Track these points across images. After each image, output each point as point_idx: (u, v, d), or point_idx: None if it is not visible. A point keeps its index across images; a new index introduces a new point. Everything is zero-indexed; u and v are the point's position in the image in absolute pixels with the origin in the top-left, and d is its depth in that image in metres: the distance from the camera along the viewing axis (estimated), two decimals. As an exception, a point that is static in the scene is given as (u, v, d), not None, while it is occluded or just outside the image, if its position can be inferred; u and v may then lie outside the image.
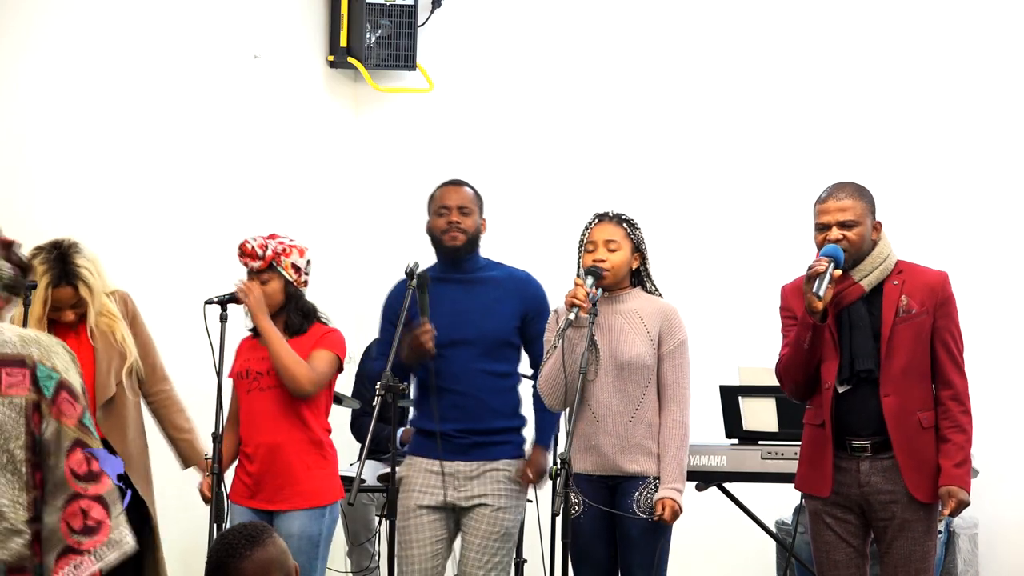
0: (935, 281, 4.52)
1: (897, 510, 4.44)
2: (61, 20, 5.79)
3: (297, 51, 7.08)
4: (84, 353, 5.09)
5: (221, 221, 6.41)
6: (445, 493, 4.91)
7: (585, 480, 4.75)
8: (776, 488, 5.66)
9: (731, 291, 6.74)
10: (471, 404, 4.92)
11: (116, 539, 2.37)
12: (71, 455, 2.37)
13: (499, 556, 4.92)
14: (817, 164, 6.80)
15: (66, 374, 2.42)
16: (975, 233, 6.69)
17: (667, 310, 4.82)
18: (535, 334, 4.98)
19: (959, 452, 4.43)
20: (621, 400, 4.73)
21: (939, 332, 4.48)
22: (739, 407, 5.71)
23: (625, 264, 4.82)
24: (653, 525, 4.68)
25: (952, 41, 6.79)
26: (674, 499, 4.67)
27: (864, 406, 4.45)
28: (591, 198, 7.06)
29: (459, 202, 4.99)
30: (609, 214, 4.86)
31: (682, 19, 7.13)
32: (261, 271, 5.07)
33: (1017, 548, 6.48)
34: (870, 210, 4.50)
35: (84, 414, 2.41)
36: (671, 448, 4.72)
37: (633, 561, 4.71)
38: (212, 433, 4.92)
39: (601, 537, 4.76)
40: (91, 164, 5.89)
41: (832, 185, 4.56)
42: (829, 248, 4.42)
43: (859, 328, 4.46)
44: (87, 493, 2.36)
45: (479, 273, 5.02)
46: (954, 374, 4.48)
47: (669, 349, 4.78)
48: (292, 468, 5.01)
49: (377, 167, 7.39)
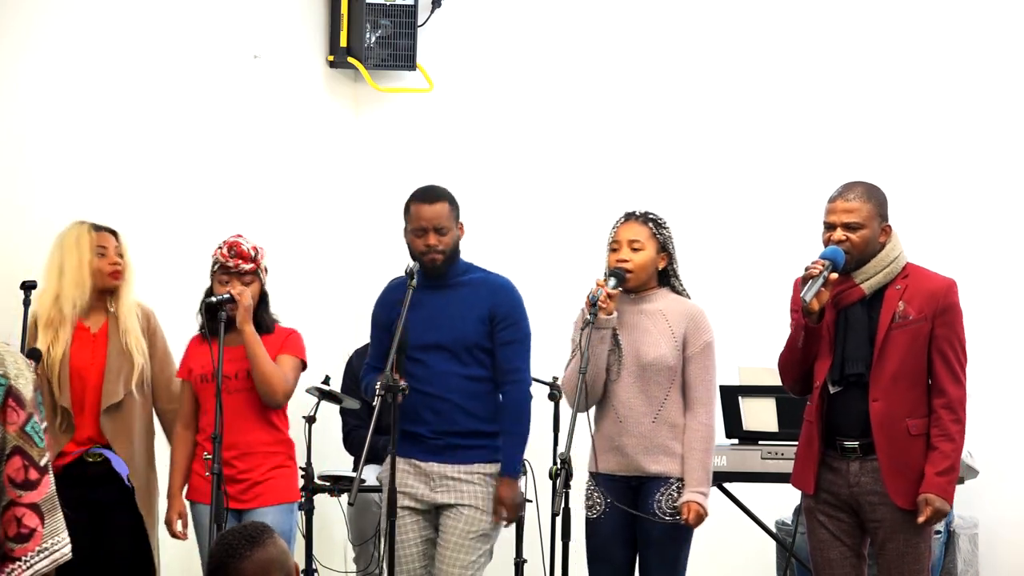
0: (938, 288, 4.47)
1: (886, 512, 4.44)
2: (61, 20, 5.79)
3: (297, 51, 7.08)
4: (97, 356, 5.10)
5: (221, 221, 6.40)
6: (422, 492, 4.92)
7: (608, 480, 4.73)
8: (776, 488, 5.66)
9: (731, 291, 6.73)
10: (445, 407, 4.92)
11: (47, 547, 2.38)
12: (9, 462, 2.38)
13: (474, 556, 4.89)
14: (816, 164, 6.80)
15: (15, 381, 2.42)
16: (980, 233, 6.68)
17: (693, 311, 4.78)
18: (500, 341, 4.94)
19: (944, 460, 4.40)
20: (644, 400, 4.72)
21: (937, 340, 4.44)
22: (739, 407, 5.71)
23: (650, 264, 4.78)
24: (674, 527, 4.67)
25: (972, 39, 6.76)
26: (699, 503, 4.65)
27: (853, 408, 4.45)
28: (591, 198, 7.06)
29: (435, 222, 4.94)
30: (636, 213, 4.83)
31: (685, 17, 7.12)
32: (246, 273, 5.12)
33: (1017, 548, 6.47)
34: (878, 212, 4.46)
35: (28, 421, 2.40)
36: (697, 451, 4.70)
37: (653, 563, 4.70)
38: (211, 434, 4.93)
39: (620, 538, 4.74)
40: (91, 164, 5.89)
41: (844, 184, 4.52)
42: (829, 250, 4.40)
43: (855, 331, 4.45)
44: (21, 501, 2.38)
45: (457, 279, 5.01)
46: (948, 383, 4.44)
47: (695, 351, 4.75)
48: (261, 467, 5.10)
49: (377, 167, 7.38)
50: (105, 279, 5.13)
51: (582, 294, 4.85)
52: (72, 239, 5.10)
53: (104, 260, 5.13)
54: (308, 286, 6.94)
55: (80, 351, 5.08)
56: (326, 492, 5.95)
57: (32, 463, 2.39)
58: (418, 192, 5.04)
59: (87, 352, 5.10)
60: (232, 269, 5.10)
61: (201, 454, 5.08)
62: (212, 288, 5.17)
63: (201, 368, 5.14)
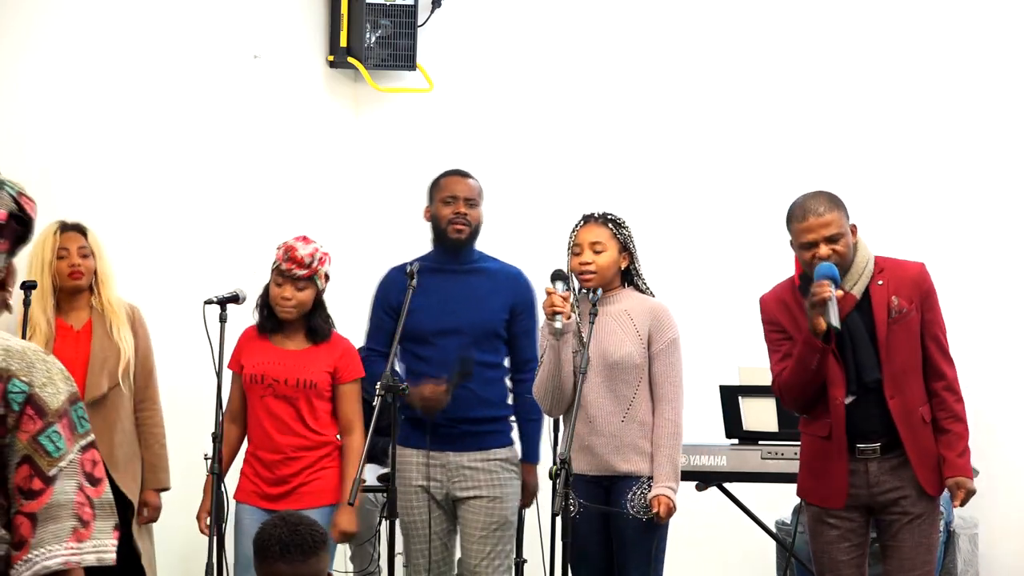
0: (916, 274, 4.49)
1: (907, 504, 4.44)
2: (61, 20, 5.79)
3: (297, 51, 7.08)
4: (80, 352, 5.11)
5: (221, 221, 6.41)
6: (430, 484, 4.94)
7: (581, 480, 4.75)
8: (776, 488, 5.67)
9: (731, 291, 6.73)
10: (460, 393, 4.95)
11: (29, 557, 2.39)
12: (19, 470, 2.39)
13: (500, 545, 4.95)
14: (816, 164, 6.80)
15: (41, 389, 2.42)
16: (974, 232, 6.69)
17: (657, 309, 4.80)
18: (520, 330, 5.01)
19: (960, 441, 4.45)
20: (612, 400, 4.73)
21: (927, 325, 4.47)
22: (739, 407, 5.71)
23: (613, 265, 4.81)
24: (647, 524, 4.69)
25: (934, 39, 6.80)
26: (668, 496, 4.67)
27: (870, 412, 4.44)
28: (591, 197, 7.05)
29: (467, 193, 5.04)
30: (595, 215, 4.85)
31: (681, 19, 7.13)
32: (300, 279, 5.03)
33: (1017, 548, 6.47)
34: (847, 216, 4.44)
35: (45, 430, 2.40)
36: (664, 447, 4.72)
37: (628, 560, 4.72)
38: (212, 433, 4.92)
39: (597, 537, 4.76)
40: (91, 164, 5.89)
41: (808, 198, 4.42)
42: (826, 269, 4.31)
43: (859, 338, 4.42)
44: (23, 509, 2.39)
45: (473, 264, 5.04)
46: (944, 364, 4.48)
47: (660, 348, 4.77)
48: (306, 470, 5.04)
49: (377, 167, 7.38)
50: (65, 280, 5.14)
51: (581, 294, 4.86)
52: (39, 242, 5.12)
53: (63, 262, 5.13)
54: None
55: (62, 348, 5.09)
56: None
57: (38, 473, 2.39)
58: (451, 169, 5.12)
59: (69, 349, 5.09)
60: (285, 272, 5.05)
61: (251, 456, 5.05)
62: (269, 286, 5.11)
63: (252, 367, 5.08)
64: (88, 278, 5.17)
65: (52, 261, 5.13)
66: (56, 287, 5.15)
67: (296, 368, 5.03)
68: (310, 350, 5.07)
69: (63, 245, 5.15)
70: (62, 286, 5.16)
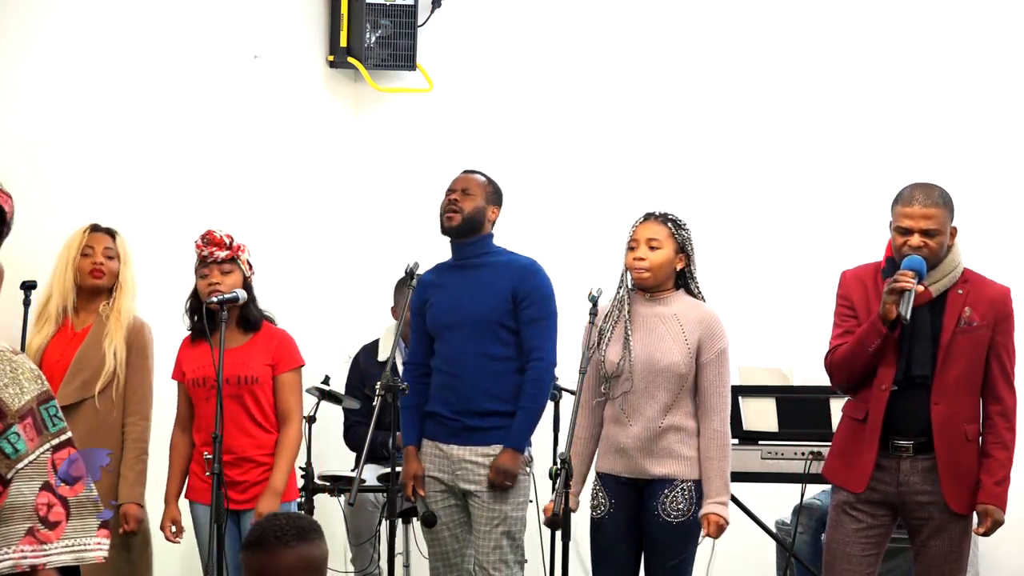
0: (997, 295, 4.47)
1: (934, 512, 4.42)
2: (61, 20, 5.79)
3: (297, 51, 7.08)
4: (66, 356, 5.08)
5: (221, 221, 6.39)
6: (448, 476, 5.01)
7: (613, 481, 4.73)
8: (776, 488, 5.66)
9: (731, 291, 6.72)
10: (463, 386, 4.98)
11: None
12: None
13: (505, 540, 4.96)
14: (816, 165, 6.80)
15: (1, 391, 2.40)
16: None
17: (708, 317, 4.74)
18: (524, 320, 4.99)
19: (1001, 469, 4.42)
20: (652, 405, 4.68)
21: (995, 347, 4.44)
22: (739, 407, 5.71)
23: (667, 264, 4.75)
24: (679, 528, 4.65)
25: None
26: (719, 514, 4.63)
27: (912, 409, 4.41)
28: (591, 197, 7.07)
29: (462, 184, 5.11)
30: (656, 213, 4.81)
31: (686, 15, 7.12)
32: (224, 262, 5.09)
33: (1017, 548, 6.46)
34: (951, 218, 4.40)
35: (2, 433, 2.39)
36: (714, 460, 4.66)
37: (657, 564, 4.69)
38: (212, 434, 4.92)
39: (624, 538, 4.73)
40: (91, 164, 5.88)
41: (919, 187, 4.40)
42: (914, 261, 4.31)
43: (920, 333, 4.39)
44: None
45: (482, 259, 5.06)
46: (1005, 390, 4.46)
47: (709, 358, 4.70)
48: (258, 469, 5.09)
49: (377, 167, 7.38)
50: (86, 278, 5.13)
51: (582, 294, 4.84)
52: (69, 240, 5.16)
53: (87, 259, 5.13)
54: (308, 286, 6.94)
55: (55, 348, 5.08)
56: (326, 492, 5.95)
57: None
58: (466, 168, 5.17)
59: (60, 350, 5.09)
60: (208, 259, 5.09)
61: (199, 455, 5.08)
62: (196, 285, 5.17)
63: (193, 372, 5.14)
64: (109, 280, 5.16)
65: (76, 258, 5.14)
66: (76, 284, 5.15)
67: (235, 365, 5.06)
68: (246, 346, 5.12)
69: (89, 244, 5.17)
70: (82, 284, 5.15)
